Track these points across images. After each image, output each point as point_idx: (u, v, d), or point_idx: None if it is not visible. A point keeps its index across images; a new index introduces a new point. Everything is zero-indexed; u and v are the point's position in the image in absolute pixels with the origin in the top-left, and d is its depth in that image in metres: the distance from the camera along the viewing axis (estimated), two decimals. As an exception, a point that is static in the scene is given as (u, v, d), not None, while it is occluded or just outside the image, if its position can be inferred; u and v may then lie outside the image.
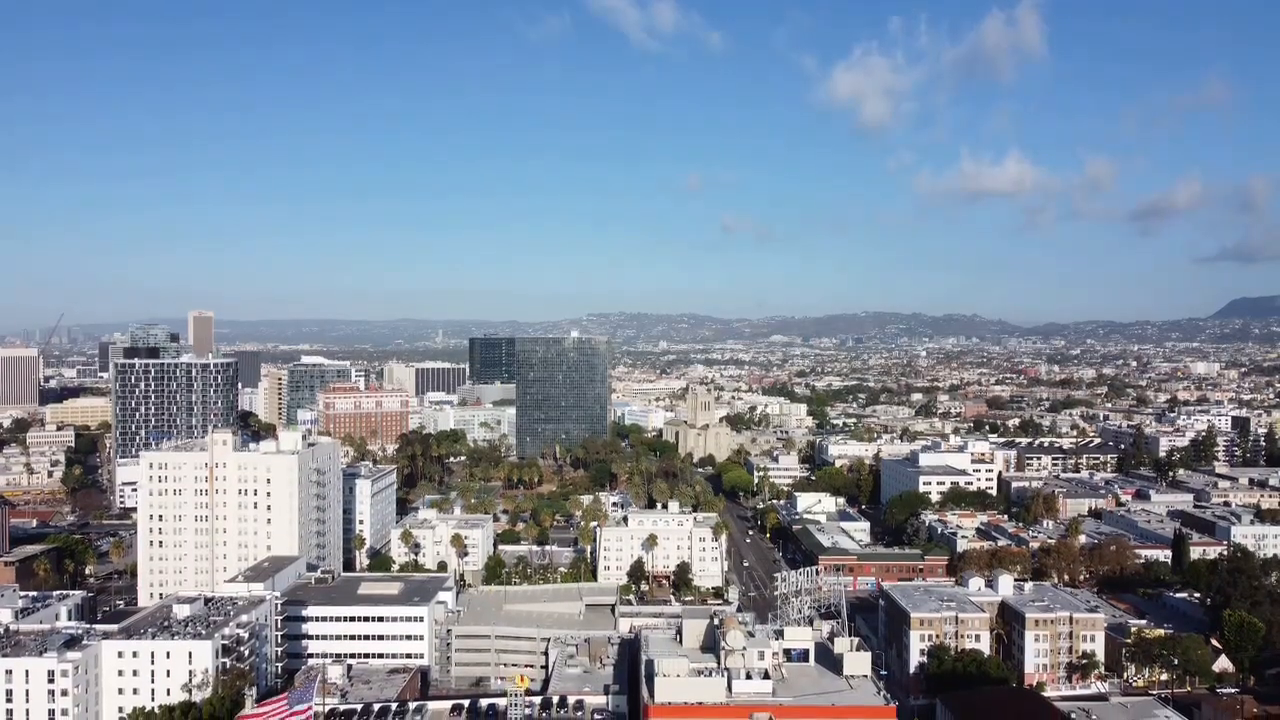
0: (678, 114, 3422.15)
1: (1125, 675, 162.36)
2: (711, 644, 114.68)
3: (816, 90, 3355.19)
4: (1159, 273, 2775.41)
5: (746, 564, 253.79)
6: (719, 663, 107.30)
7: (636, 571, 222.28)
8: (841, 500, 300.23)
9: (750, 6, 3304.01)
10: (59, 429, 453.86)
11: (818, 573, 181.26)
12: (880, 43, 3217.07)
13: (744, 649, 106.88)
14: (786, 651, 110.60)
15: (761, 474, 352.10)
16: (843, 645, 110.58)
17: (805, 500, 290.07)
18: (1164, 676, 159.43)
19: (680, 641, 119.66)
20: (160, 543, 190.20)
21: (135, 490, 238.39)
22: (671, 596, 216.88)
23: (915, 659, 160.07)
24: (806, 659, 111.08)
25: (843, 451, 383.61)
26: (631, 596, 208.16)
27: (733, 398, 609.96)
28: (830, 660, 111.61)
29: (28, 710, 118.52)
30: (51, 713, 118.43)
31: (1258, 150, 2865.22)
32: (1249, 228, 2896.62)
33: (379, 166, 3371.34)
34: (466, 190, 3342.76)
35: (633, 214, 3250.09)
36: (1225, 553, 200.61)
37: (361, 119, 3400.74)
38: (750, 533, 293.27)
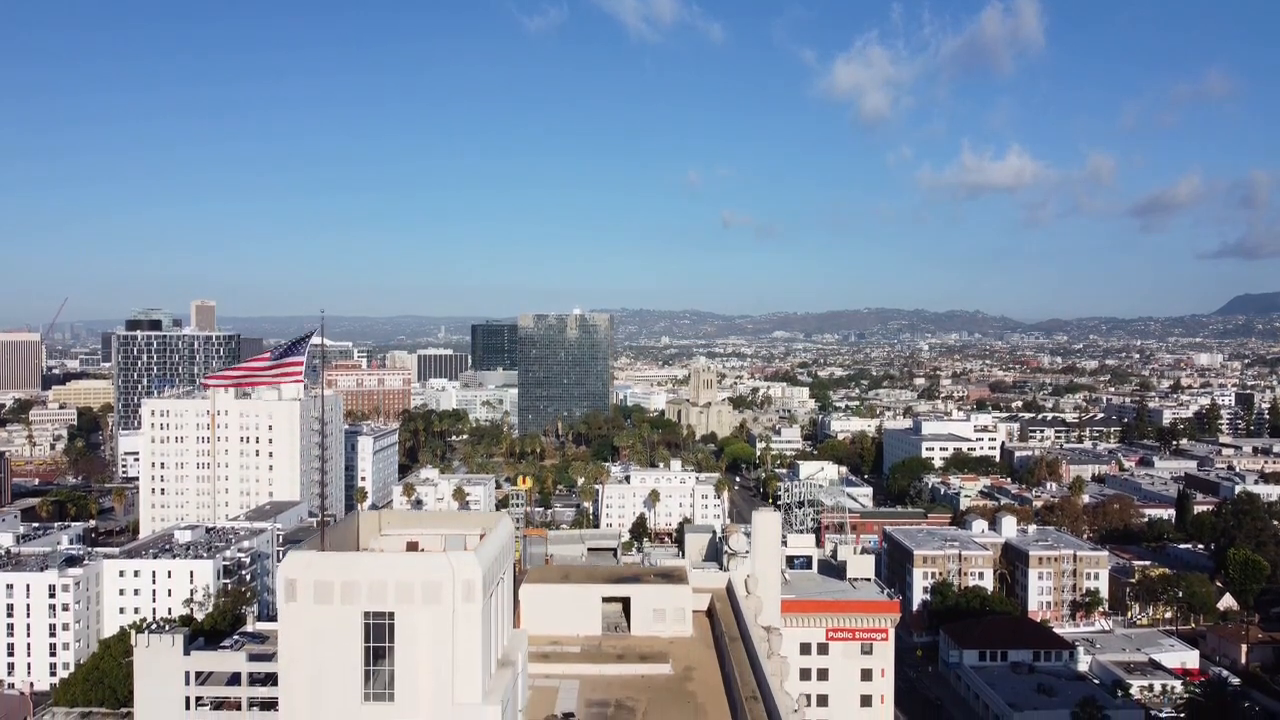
0: (677, 107, 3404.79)
1: (1129, 613, 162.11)
2: (714, 555, 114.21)
3: (817, 84, 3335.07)
4: (1161, 269, 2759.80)
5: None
6: (721, 567, 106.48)
7: (639, 529, 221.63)
8: (844, 469, 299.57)
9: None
10: (61, 408, 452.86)
11: (821, 486, 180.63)
12: (881, 32, 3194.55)
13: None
14: (790, 559, 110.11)
15: (764, 446, 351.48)
16: (845, 552, 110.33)
17: (808, 469, 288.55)
18: (1168, 614, 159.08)
19: (683, 556, 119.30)
20: (162, 490, 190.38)
21: (138, 460, 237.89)
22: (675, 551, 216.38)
23: (918, 596, 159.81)
24: (809, 567, 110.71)
25: (845, 427, 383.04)
26: (634, 552, 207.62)
27: (735, 381, 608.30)
28: (833, 570, 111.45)
29: (29, 624, 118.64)
30: (52, 626, 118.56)
31: (1259, 146, 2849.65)
32: (1251, 224, 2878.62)
33: (376, 162, 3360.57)
34: (465, 186, 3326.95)
35: (632, 209, 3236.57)
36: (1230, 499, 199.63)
37: (358, 114, 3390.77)
38: (739, 484, 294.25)
